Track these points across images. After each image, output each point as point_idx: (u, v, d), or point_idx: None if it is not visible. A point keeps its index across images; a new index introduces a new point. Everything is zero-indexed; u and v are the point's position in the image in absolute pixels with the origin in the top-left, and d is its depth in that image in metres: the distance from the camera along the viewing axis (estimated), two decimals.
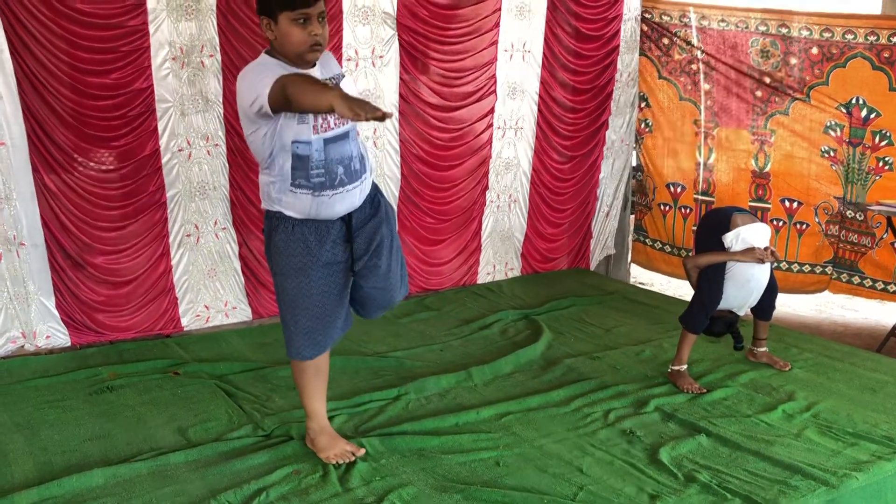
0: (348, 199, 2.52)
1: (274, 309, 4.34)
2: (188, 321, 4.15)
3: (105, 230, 3.87)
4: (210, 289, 4.21)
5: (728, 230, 3.34)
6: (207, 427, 3.00)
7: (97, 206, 3.83)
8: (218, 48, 3.94)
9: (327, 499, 2.51)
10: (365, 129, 4.37)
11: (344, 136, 2.49)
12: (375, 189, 2.67)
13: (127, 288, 3.97)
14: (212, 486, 2.55)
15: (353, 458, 2.70)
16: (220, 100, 4.02)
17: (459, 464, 2.73)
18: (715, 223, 3.45)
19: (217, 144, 4.07)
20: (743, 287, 3.36)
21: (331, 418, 3.03)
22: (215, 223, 4.16)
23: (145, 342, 3.93)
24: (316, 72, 2.47)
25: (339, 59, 4.25)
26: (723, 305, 3.39)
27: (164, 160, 3.94)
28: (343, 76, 2.58)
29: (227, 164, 4.11)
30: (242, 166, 4.13)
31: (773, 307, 3.60)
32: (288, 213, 2.50)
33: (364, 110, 2.02)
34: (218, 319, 4.23)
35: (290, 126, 2.40)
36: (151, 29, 3.76)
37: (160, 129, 3.90)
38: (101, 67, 3.69)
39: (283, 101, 2.26)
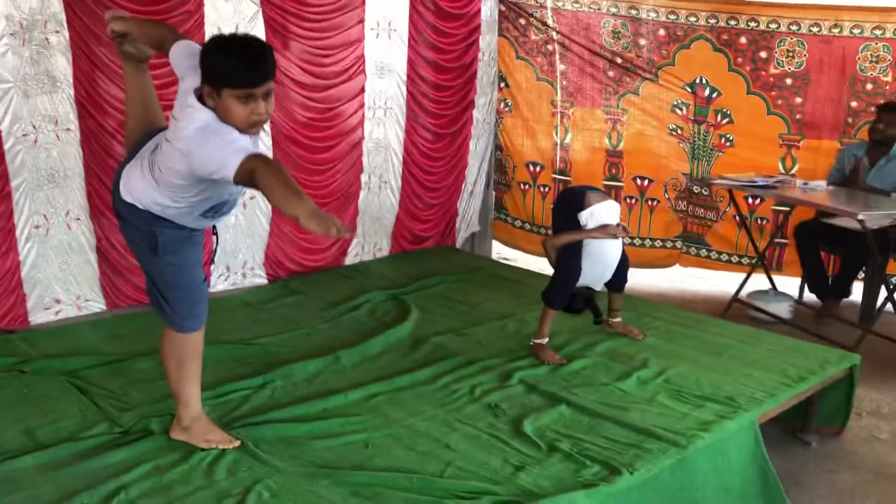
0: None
1: (132, 299, 4.15)
2: (36, 316, 3.90)
3: None
4: (62, 282, 3.95)
5: (582, 209, 3.47)
6: (59, 427, 2.82)
7: None
8: (64, 24, 3.67)
9: (192, 493, 2.43)
10: None
11: None
12: None
13: None
14: (65, 489, 2.41)
15: (229, 447, 2.67)
16: (71, 80, 3.74)
17: (328, 449, 2.71)
18: (569, 202, 3.57)
19: (69, 129, 3.80)
20: (599, 262, 3.51)
21: None
22: (67, 213, 3.90)
23: None
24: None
25: (201, 37, 4.07)
26: (581, 282, 3.52)
27: (6, 146, 3.62)
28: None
29: (80, 151, 3.85)
30: (100, 153, 3.88)
31: (626, 279, 3.78)
32: (167, 217, 2.50)
33: (336, 228, 1.99)
34: (69, 312, 3.99)
35: (229, 186, 2.35)
36: None
37: (0, 111, 3.60)
38: None
39: (249, 183, 2.18)
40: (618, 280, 3.73)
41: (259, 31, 4.26)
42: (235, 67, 2.23)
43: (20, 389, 3.13)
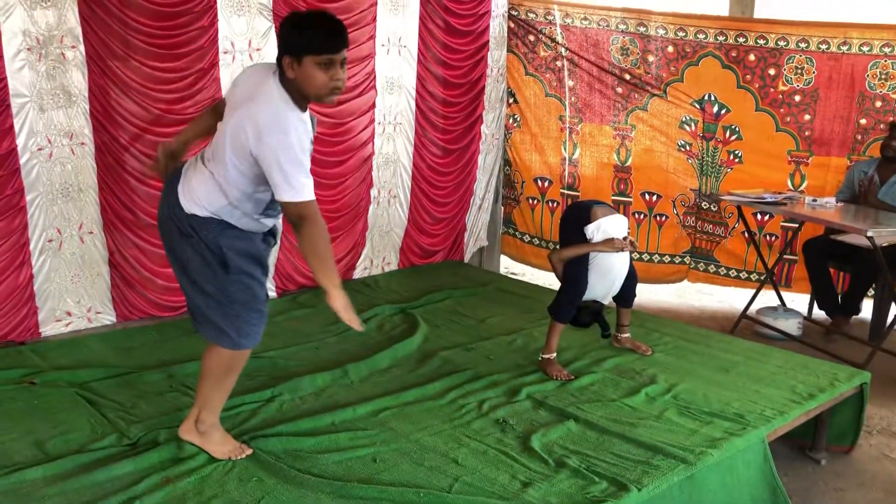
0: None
1: (144, 312, 4.18)
2: (47, 328, 3.92)
3: None
4: (73, 295, 3.98)
5: (589, 222, 3.48)
6: (68, 439, 2.84)
7: None
8: (81, 39, 3.72)
9: (205, 502, 2.45)
10: None
11: None
12: None
13: None
14: (74, 501, 2.42)
15: (243, 456, 2.70)
16: (86, 94, 3.78)
17: (336, 462, 2.71)
18: (576, 216, 3.58)
19: (83, 143, 3.84)
20: (605, 276, 3.51)
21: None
22: (80, 227, 3.93)
23: None
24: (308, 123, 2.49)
25: (216, 52, 4.12)
26: (588, 295, 3.53)
27: (22, 160, 3.67)
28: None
29: (95, 165, 3.88)
30: (114, 167, 3.92)
31: (634, 294, 3.78)
32: (228, 221, 2.52)
33: (349, 319, 2.44)
34: (79, 325, 4.02)
35: None
36: (2, 17, 3.49)
37: (16, 126, 3.62)
38: None
39: (292, 220, 2.44)
40: (626, 295, 3.73)
41: (272, 46, 4.30)
42: (317, 35, 2.35)
43: (30, 401, 3.15)
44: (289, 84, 2.41)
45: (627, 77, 5.52)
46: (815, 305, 5.24)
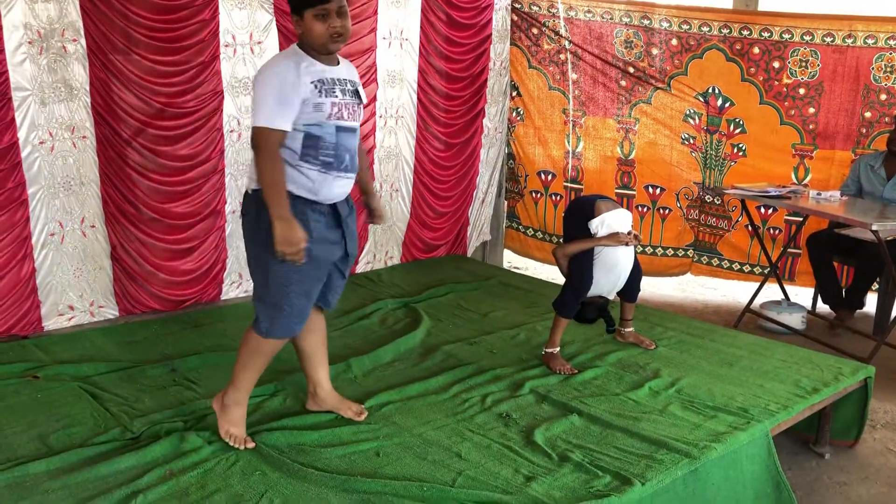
0: (345, 186, 2.72)
1: (146, 306, 4.18)
2: (49, 322, 3.92)
3: None
4: (76, 289, 3.98)
5: (593, 217, 3.46)
6: (71, 432, 2.84)
7: None
8: (82, 32, 3.71)
9: (207, 497, 2.44)
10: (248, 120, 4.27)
11: (354, 129, 2.70)
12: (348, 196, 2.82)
13: None
14: (77, 495, 2.42)
15: (242, 446, 2.72)
16: (87, 88, 3.78)
17: (339, 456, 2.71)
18: (580, 211, 3.57)
19: (84, 136, 3.84)
20: (610, 271, 3.50)
21: (204, 416, 2.96)
22: (82, 221, 3.93)
23: None
24: (342, 70, 2.67)
25: (217, 46, 4.11)
26: (594, 291, 3.51)
27: (23, 154, 3.67)
28: (360, 84, 2.75)
29: (96, 158, 3.88)
30: (115, 160, 3.92)
31: (638, 289, 3.76)
32: (290, 188, 2.58)
33: (282, 254, 2.50)
34: (82, 319, 4.02)
35: (306, 111, 2.55)
36: (3, 10, 3.48)
37: (17, 120, 3.62)
38: None
39: (254, 149, 2.54)
40: (630, 290, 3.71)
41: (273, 39, 4.29)
42: None
43: (33, 395, 3.15)
44: (302, 42, 2.63)
45: (631, 70, 5.50)
46: (820, 299, 5.22)
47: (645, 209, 5.72)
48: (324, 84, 2.58)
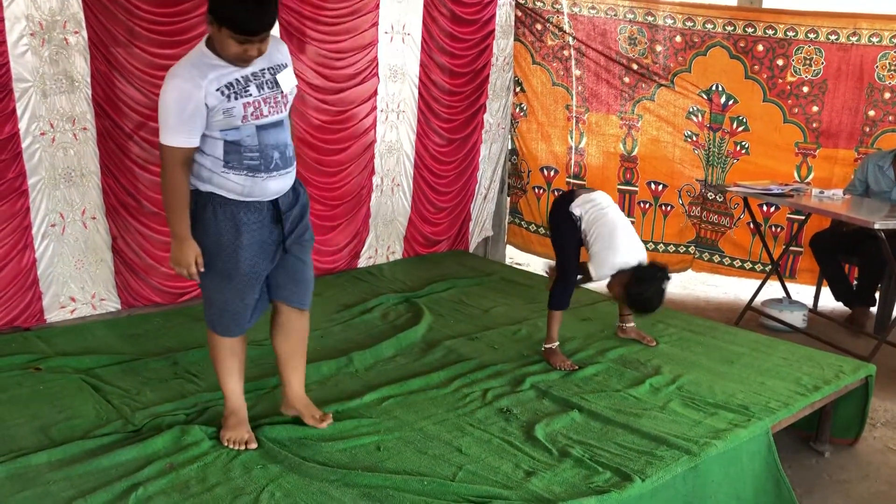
0: (281, 182, 2.59)
1: (147, 299, 4.18)
2: (52, 314, 3.93)
3: None
4: (77, 280, 3.98)
5: (573, 202, 3.49)
6: (73, 424, 2.85)
7: None
8: (83, 24, 3.71)
9: (208, 490, 2.45)
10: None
11: (278, 123, 2.56)
12: (296, 180, 2.74)
13: None
14: (78, 487, 2.43)
15: (244, 449, 2.70)
16: (89, 80, 3.77)
17: (340, 450, 2.72)
18: (561, 202, 3.59)
19: (85, 128, 3.83)
20: (617, 232, 3.43)
21: (206, 409, 2.97)
22: (83, 212, 3.93)
23: (1, 337, 3.68)
24: (260, 60, 2.50)
25: None
26: (625, 259, 3.43)
27: (24, 144, 3.67)
28: (286, 66, 2.61)
29: (97, 150, 3.88)
30: (116, 152, 3.91)
31: None
32: (218, 192, 2.53)
33: (180, 268, 2.53)
34: (84, 311, 4.02)
35: (216, 119, 2.45)
36: (5, 1, 3.47)
37: (18, 111, 3.62)
38: None
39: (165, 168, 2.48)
40: None
41: (273, 32, 4.26)
42: (239, 16, 2.35)
43: (35, 387, 3.16)
44: (210, 42, 2.48)
45: (635, 67, 5.49)
46: (833, 298, 5.17)
47: (647, 205, 5.72)
48: (232, 87, 2.45)
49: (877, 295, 5.01)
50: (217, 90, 2.42)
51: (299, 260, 2.75)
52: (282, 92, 2.55)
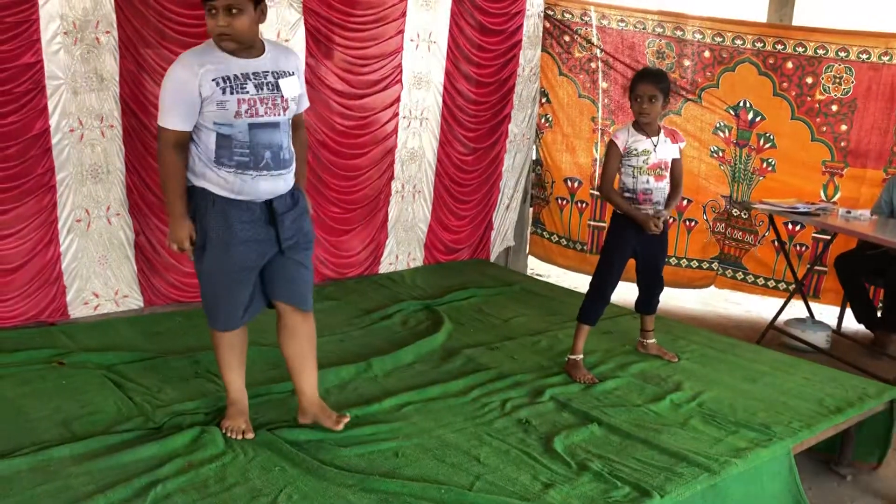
0: (272, 183, 2.62)
1: (168, 297, 4.22)
2: (75, 309, 3.97)
3: None
4: (101, 276, 4.03)
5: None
6: (94, 419, 2.87)
7: None
8: (115, 25, 3.76)
9: (227, 489, 2.46)
10: None
11: (275, 125, 2.59)
12: (296, 187, 2.76)
13: (11, 276, 3.74)
14: (99, 481, 2.45)
15: (240, 437, 2.76)
16: (117, 79, 3.83)
17: (358, 455, 2.71)
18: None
19: (112, 126, 3.88)
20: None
21: (225, 409, 2.98)
22: (108, 209, 3.97)
23: (27, 330, 3.72)
24: (265, 62, 2.58)
25: None
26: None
27: (53, 141, 3.72)
28: (291, 74, 2.65)
29: (122, 147, 3.93)
30: (140, 149, 3.96)
31: (657, 301, 3.75)
32: (210, 188, 2.58)
33: (174, 244, 2.62)
34: (107, 308, 4.06)
35: (210, 110, 2.51)
36: (41, 1, 3.53)
37: (50, 107, 3.68)
38: None
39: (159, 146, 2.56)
40: (649, 301, 3.71)
41: (300, 38, 4.32)
42: None
43: (58, 381, 3.19)
44: None
45: None
46: (855, 320, 5.11)
47: (671, 220, 5.68)
48: (229, 81, 2.49)
49: None
50: (213, 80, 2.48)
51: (299, 264, 2.77)
52: (282, 96, 2.59)
